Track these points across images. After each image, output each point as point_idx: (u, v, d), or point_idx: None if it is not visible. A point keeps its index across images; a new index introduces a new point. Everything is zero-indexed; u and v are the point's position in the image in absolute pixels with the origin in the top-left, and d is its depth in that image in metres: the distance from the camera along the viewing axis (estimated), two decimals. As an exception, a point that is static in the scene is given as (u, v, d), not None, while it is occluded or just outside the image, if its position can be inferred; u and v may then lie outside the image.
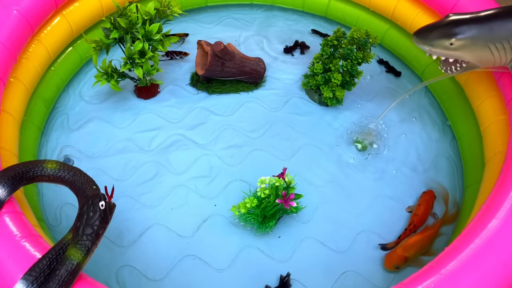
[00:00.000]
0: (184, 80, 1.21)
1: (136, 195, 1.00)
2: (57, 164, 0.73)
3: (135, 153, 1.07)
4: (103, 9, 1.15)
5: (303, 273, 0.90)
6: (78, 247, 0.63)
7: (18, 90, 0.96)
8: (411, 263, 0.90)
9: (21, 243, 0.65)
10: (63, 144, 1.08)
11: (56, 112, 1.14)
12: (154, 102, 1.17)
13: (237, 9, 1.39)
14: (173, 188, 1.02)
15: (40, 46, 1.03)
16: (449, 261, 0.65)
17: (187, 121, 1.13)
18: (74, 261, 0.62)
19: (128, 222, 0.96)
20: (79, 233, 0.64)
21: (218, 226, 0.96)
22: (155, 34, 1.04)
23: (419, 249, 0.91)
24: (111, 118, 1.13)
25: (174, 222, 0.96)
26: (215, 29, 1.33)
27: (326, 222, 0.98)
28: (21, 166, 0.72)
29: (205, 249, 0.93)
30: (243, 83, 1.20)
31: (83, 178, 0.72)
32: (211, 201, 1.00)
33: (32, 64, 1.01)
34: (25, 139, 1.00)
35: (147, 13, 1.04)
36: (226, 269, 0.91)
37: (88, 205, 0.66)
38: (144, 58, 1.04)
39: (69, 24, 1.09)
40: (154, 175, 1.03)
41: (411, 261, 0.90)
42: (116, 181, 1.01)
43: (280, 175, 0.88)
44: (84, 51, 1.17)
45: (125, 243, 0.93)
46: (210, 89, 1.18)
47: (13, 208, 0.69)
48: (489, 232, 0.67)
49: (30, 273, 0.61)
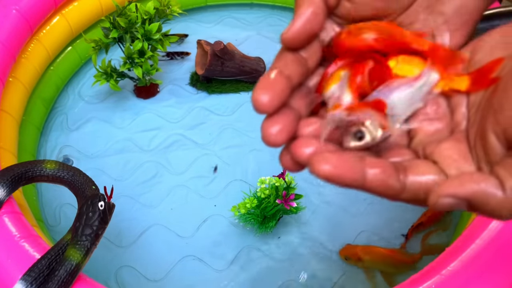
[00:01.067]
0: (184, 80, 1.21)
1: (136, 195, 1.00)
2: (56, 164, 0.73)
3: (135, 153, 1.07)
4: (103, 9, 1.15)
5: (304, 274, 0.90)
6: (77, 248, 0.63)
7: (17, 89, 0.96)
8: (368, 266, 0.89)
9: (20, 243, 0.65)
10: (62, 144, 1.08)
11: (55, 112, 1.14)
12: (153, 102, 1.17)
13: (237, 9, 1.38)
14: (173, 188, 1.01)
15: (39, 45, 1.03)
16: (450, 262, 0.64)
17: (187, 121, 1.13)
18: (73, 262, 0.62)
19: (128, 222, 0.96)
20: (78, 233, 0.63)
21: (218, 226, 0.96)
22: (155, 34, 1.04)
23: (377, 260, 0.89)
24: (110, 118, 1.13)
25: (173, 222, 0.96)
26: (215, 28, 1.33)
27: (326, 222, 0.97)
28: (20, 166, 0.72)
29: (205, 249, 0.93)
30: (243, 83, 1.19)
31: (82, 178, 0.72)
32: (211, 201, 1.00)
33: (31, 63, 1.00)
34: (24, 139, 1.00)
35: (147, 12, 1.04)
36: (226, 270, 0.90)
37: (88, 206, 0.66)
38: (144, 57, 1.04)
39: (69, 23, 1.09)
40: (153, 175, 1.03)
41: (364, 263, 0.89)
42: (116, 181, 1.01)
43: (280, 175, 0.87)
44: (84, 50, 1.17)
45: (124, 244, 0.93)
46: (210, 88, 1.18)
47: (12, 208, 0.69)
48: (490, 232, 0.66)
49: (29, 273, 0.61)
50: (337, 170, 0.25)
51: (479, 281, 0.63)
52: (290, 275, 0.89)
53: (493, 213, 0.23)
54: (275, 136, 0.26)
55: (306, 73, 0.30)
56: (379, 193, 0.26)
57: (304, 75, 0.30)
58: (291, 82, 0.27)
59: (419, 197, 0.26)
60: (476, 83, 0.27)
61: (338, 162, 0.25)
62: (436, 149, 0.27)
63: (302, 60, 0.29)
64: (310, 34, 0.28)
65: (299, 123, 0.28)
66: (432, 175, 0.25)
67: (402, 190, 0.25)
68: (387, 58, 0.29)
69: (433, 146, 0.27)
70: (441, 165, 0.26)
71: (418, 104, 0.28)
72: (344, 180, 0.25)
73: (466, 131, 0.27)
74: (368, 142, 0.27)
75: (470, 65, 0.28)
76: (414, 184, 0.25)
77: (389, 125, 0.27)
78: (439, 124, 0.29)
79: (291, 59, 0.29)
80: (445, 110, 0.29)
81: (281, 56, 0.29)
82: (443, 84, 0.28)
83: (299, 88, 0.30)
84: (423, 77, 0.28)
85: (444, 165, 0.26)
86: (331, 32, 0.30)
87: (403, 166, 0.26)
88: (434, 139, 0.28)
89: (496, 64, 0.26)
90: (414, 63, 0.29)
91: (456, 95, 0.28)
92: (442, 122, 0.29)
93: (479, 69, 0.27)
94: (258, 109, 0.26)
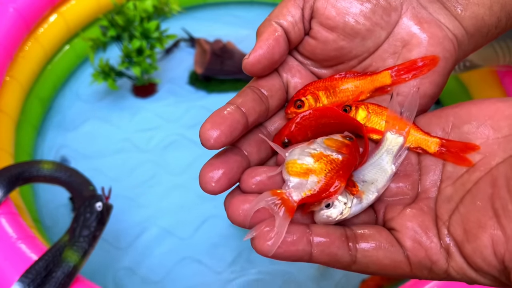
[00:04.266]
0: (183, 79, 1.20)
1: (134, 195, 0.99)
2: (54, 164, 0.72)
3: (133, 153, 1.06)
4: (100, 7, 1.14)
5: (304, 274, 0.89)
6: (75, 249, 0.62)
7: (14, 89, 0.95)
8: None
9: (17, 244, 0.64)
10: (60, 144, 1.07)
11: (53, 112, 1.13)
12: (152, 101, 1.16)
13: (236, 7, 1.38)
14: (172, 188, 1.01)
15: (36, 44, 1.02)
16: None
17: (186, 120, 1.12)
18: (71, 263, 0.61)
19: (126, 223, 0.95)
20: (76, 234, 0.63)
21: (217, 227, 0.95)
22: (153, 32, 1.03)
23: None
24: (108, 118, 1.12)
25: (172, 224, 0.95)
26: (214, 27, 1.32)
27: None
28: (17, 166, 0.71)
29: (204, 251, 0.92)
30: (242, 81, 1.19)
31: (79, 178, 0.72)
32: (210, 202, 0.99)
33: (28, 62, 1.00)
34: (21, 138, 0.99)
35: (145, 10, 1.03)
36: (225, 271, 0.90)
37: (85, 206, 0.65)
38: (142, 56, 1.03)
39: (66, 22, 1.08)
40: (152, 175, 1.02)
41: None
42: (113, 182, 1.00)
43: (280, 175, 0.87)
44: (81, 49, 1.16)
45: (122, 245, 0.92)
46: (209, 87, 1.17)
47: (8, 209, 0.68)
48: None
49: (26, 275, 0.61)
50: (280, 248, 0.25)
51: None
52: (290, 276, 0.89)
53: None
54: (214, 183, 0.26)
55: (266, 113, 0.29)
56: (327, 265, 0.25)
57: (264, 115, 0.29)
58: (247, 120, 0.27)
59: (369, 270, 0.26)
60: (448, 152, 0.27)
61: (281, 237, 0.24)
62: (398, 217, 0.27)
63: (263, 98, 0.29)
64: (271, 61, 0.29)
65: (245, 172, 0.27)
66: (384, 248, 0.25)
67: (352, 262, 0.25)
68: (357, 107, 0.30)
69: (395, 212, 0.27)
70: (399, 233, 0.26)
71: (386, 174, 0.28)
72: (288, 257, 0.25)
73: (434, 202, 0.27)
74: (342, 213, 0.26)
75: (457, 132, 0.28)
76: (365, 257, 0.25)
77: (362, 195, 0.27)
78: (404, 182, 0.28)
79: (251, 97, 0.28)
80: (414, 168, 0.29)
81: (242, 92, 0.28)
82: (412, 139, 0.29)
83: (256, 130, 0.29)
84: (382, 145, 0.29)
85: (402, 234, 0.26)
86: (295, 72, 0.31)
87: (353, 234, 0.26)
88: (397, 202, 0.28)
89: (471, 149, 0.26)
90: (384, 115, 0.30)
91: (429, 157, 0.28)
92: (407, 180, 0.28)
93: (453, 142, 0.27)
94: (204, 145, 0.25)
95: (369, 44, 0.30)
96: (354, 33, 0.29)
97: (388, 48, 0.30)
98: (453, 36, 0.30)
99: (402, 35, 0.30)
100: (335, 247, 0.25)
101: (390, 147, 0.29)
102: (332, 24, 0.29)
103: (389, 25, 0.29)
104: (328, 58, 0.30)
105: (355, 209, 0.27)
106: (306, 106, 0.30)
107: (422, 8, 0.30)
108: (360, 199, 0.27)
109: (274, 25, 0.30)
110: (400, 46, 0.30)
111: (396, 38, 0.30)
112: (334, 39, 0.29)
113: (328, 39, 0.29)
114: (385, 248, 0.25)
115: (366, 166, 0.28)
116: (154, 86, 1.17)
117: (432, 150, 0.28)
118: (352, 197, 0.27)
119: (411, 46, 0.29)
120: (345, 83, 0.31)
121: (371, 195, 0.27)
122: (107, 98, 1.15)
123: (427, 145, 0.28)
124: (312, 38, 0.30)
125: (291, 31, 0.29)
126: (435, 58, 0.29)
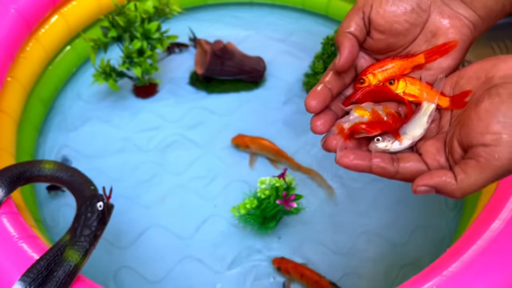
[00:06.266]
0: (183, 79, 1.20)
1: (135, 195, 0.99)
2: (55, 164, 0.72)
3: (134, 153, 1.06)
4: (102, 8, 1.14)
5: (304, 274, 0.90)
6: (76, 249, 0.62)
7: (16, 89, 0.95)
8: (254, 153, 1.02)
9: (19, 244, 0.64)
10: (61, 144, 1.07)
11: (54, 112, 1.13)
12: (152, 102, 1.16)
13: (237, 8, 1.38)
14: (172, 188, 1.01)
15: (37, 45, 1.02)
16: (451, 263, 0.64)
17: (186, 121, 1.12)
18: (72, 263, 0.61)
19: (127, 223, 0.95)
20: (77, 234, 0.63)
21: (217, 227, 0.96)
22: (154, 33, 1.03)
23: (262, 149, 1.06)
24: (109, 118, 1.12)
25: (173, 223, 0.96)
26: (215, 27, 1.32)
27: (327, 223, 0.97)
28: (18, 166, 0.71)
29: (205, 250, 0.92)
30: (243, 82, 1.19)
31: (81, 178, 0.72)
32: (210, 201, 0.99)
33: (30, 63, 1.00)
34: (22, 139, 0.99)
35: (146, 11, 1.04)
36: (226, 271, 0.90)
37: (86, 206, 0.65)
38: (143, 57, 1.03)
39: (67, 22, 1.08)
40: (153, 175, 1.03)
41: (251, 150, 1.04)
42: (114, 182, 1.00)
43: (281, 175, 0.87)
44: (82, 50, 1.16)
45: (123, 244, 0.93)
46: (209, 88, 1.18)
47: (10, 208, 0.69)
48: (491, 233, 0.66)
49: (27, 274, 0.61)
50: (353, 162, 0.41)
51: (480, 282, 0.62)
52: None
53: (450, 195, 0.37)
54: (319, 127, 0.43)
55: (343, 87, 0.46)
56: (380, 175, 0.41)
57: (342, 88, 0.46)
58: (332, 92, 0.44)
59: (407, 178, 0.41)
60: (453, 104, 0.42)
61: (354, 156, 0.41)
62: (423, 146, 0.42)
63: (341, 78, 0.45)
64: (352, 61, 0.43)
65: (336, 121, 0.45)
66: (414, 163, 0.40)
67: (396, 173, 0.41)
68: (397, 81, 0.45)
69: (421, 143, 0.42)
70: (423, 156, 0.41)
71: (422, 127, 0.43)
72: (357, 168, 0.41)
73: (445, 133, 0.42)
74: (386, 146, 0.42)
75: (456, 88, 0.42)
76: (403, 169, 0.40)
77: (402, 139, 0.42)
78: (432, 124, 0.44)
79: (333, 77, 0.44)
80: (437, 116, 0.44)
81: (327, 73, 0.44)
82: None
83: (338, 97, 0.46)
84: (421, 110, 0.44)
85: (425, 156, 0.41)
86: (360, 58, 0.46)
87: (397, 157, 0.41)
88: (427, 136, 0.43)
89: (466, 94, 0.40)
90: (417, 84, 0.45)
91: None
92: (434, 123, 0.44)
93: (456, 96, 0.42)
94: (309, 110, 0.43)
95: (409, 38, 0.44)
96: (398, 33, 0.43)
97: (422, 38, 0.44)
98: (469, 22, 0.43)
99: (431, 28, 0.43)
100: (384, 163, 0.40)
101: (426, 111, 0.43)
102: (382, 29, 0.43)
103: (422, 23, 0.43)
104: (381, 50, 0.45)
105: (395, 147, 0.42)
106: (366, 82, 0.45)
107: (445, 5, 0.43)
108: (400, 143, 0.42)
109: (348, 35, 0.43)
110: (430, 36, 0.44)
111: (427, 31, 0.44)
112: (384, 38, 0.44)
113: (380, 38, 0.44)
114: (415, 164, 0.40)
115: (410, 123, 0.43)
116: (154, 86, 1.17)
117: (444, 106, 0.43)
118: (395, 140, 0.42)
119: (438, 35, 0.43)
120: (393, 64, 0.45)
121: (408, 141, 0.42)
122: (108, 98, 1.16)
123: (442, 103, 0.43)
124: (370, 38, 0.44)
125: (359, 35, 0.43)
126: (455, 42, 0.43)
